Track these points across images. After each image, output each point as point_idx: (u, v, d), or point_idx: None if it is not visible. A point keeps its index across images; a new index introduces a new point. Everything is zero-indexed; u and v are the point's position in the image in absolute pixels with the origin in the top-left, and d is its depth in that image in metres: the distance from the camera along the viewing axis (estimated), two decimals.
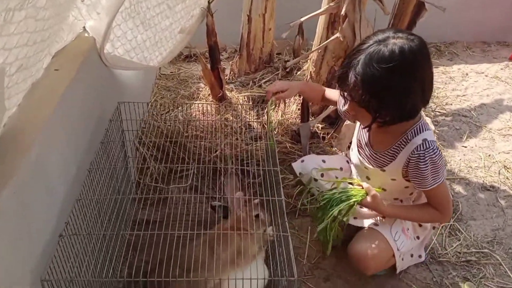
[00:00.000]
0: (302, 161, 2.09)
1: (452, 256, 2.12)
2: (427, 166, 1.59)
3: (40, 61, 1.57)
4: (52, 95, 1.51)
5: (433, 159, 1.58)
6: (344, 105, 1.77)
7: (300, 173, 2.05)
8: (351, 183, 1.85)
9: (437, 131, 3.03)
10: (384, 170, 1.75)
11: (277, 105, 1.92)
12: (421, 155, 1.58)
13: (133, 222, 2.19)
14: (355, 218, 1.87)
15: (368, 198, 1.74)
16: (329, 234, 1.75)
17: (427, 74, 1.51)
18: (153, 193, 2.34)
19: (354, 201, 1.72)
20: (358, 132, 1.87)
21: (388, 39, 1.47)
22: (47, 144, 1.37)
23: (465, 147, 2.92)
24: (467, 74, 3.80)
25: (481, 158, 2.80)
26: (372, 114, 1.54)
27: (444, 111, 3.27)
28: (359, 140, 1.85)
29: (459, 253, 2.14)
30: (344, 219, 1.73)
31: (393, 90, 1.47)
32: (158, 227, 2.16)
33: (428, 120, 1.73)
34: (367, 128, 1.68)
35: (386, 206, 1.75)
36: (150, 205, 2.31)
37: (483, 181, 2.61)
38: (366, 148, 1.81)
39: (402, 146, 1.65)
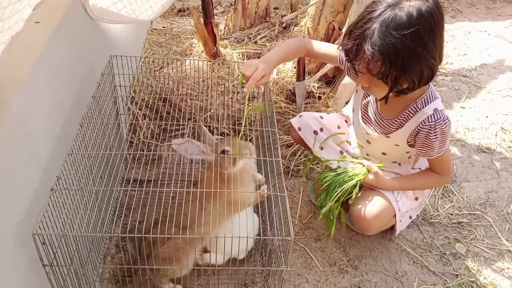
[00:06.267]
0: (300, 116, 2.03)
1: (444, 218, 2.12)
2: (436, 138, 1.56)
3: (19, 12, 1.47)
4: (33, 48, 1.44)
5: (443, 130, 1.55)
6: (354, 78, 1.64)
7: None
8: (353, 158, 1.83)
9: (436, 91, 2.96)
10: (389, 137, 1.71)
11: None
12: (432, 126, 1.54)
13: (126, 181, 2.17)
14: None
15: (370, 176, 1.73)
16: (332, 215, 1.74)
17: (443, 33, 1.42)
18: (146, 151, 2.30)
19: (357, 181, 1.70)
20: (362, 98, 1.79)
21: (402, 2, 1.35)
22: (28, 99, 1.32)
23: (463, 108, 2.86)
24: (469, 32, 3.68)
25: (479, 120, 2.76)
26: (390, 85, 1.43)
27: (444, 71, 3.18)
28: (365, 106, 1.78)
29: (451, 214, 2.15)
30: (349, 200, 1.72)
31: (415, 57, 1.36)
32: (151, 186, 2.15)
33: None
34: (384, 100, 1.55)
35: (389, 181, 1.74)
36: (143, 164, 2.29)
37: (479, 143, 2.58)
38: (373, 115, 1.75)
39: (411, 114, 1.60)
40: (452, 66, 3.24)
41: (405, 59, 1.36)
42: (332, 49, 1.79)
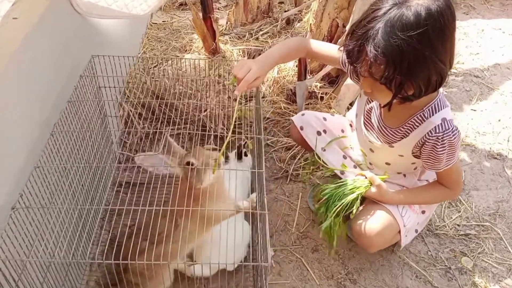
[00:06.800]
0: (303, 114, 1.91)
1: (450, 229, 2.00)
2: (444, 150, 1.43)
3: None
4: (7, 46, 1.34)
5: (452, 141, 1.42)
6: (357, 82, 1.50)
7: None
8: (356, 166, 1.72)
9: (446, 93, 2.82)
10: (392, 147, 1.59)
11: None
12: (439, 137, 1.42)
13: (116, 184, 2.08)
14: None
15: (373, 189, 1.62)
16: (333, 231, 1.64)
17: (454, 35, 1.29)
18: (134, 153, 2.20)
19: (358, 194, 1.60)
20: (365, 103, 1.67)
21: (410, 0, 1.23)
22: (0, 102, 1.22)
23: (474, 110, 2.72)
24: (482, 30, 3.51)
25: (490, 123, 2.61)
26: (394, 91, 1.30)
27: (455, 71, 3.03)
28: (368, 112, 1.66)
29: (458, 225, 2.02)
30: (350, 214, 1.61)
31: (422, 61, 1.24)
32: (140, 190, 2.05)
33: None
34: (387, 107, 1.42)
35: (392, 194, 1.63)
36: (134, 167, 2.19)
37: (490, 148, 2.44)
38: (376, 122, 1.62)
39: (417, 124, 1.48)
40: (463, 66, 3.09)
41: (411, 63, 1.23)
42: (335, 50, 1.67)
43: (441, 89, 1.46)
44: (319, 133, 1.85)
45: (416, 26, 1.20)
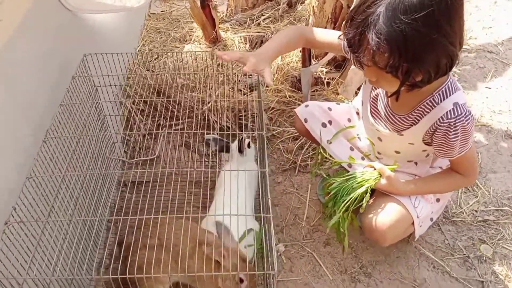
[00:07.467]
0: (306, 106, 1.82)
1: (468, 215, 1.92)
2: (457, 136, 1.35)
3: None
4: None
5: (465, 127, 1.33)
6: (362, 70, 1.39)
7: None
8: (364, 158, 1.64)
9: (458, 71, 2.70)
10: (402, 135, 1.51)
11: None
12: (451, 123, 1.33)
13: (119, 183, 2.04)
14: None
15: (383, 180, 1.54)
16: (343, 227, 1.57)
17: (463, 11, 1.19)
18: (138, 152, 2.15)
19: (367, 187, 1.53)
20: (371, 90, 1.58)
21: None
22: None
23: (489, 88, 2.60)
24: (495, 2, 3.35)
25: (507, 101, 2.50)
26: (400, 78, 1.22)
27: (468, 47, 2.90)
28: (374, 99, 1.57)
29: (476, 211, 1.94)
30: (360, 208, 1.54)
31: (430, 45, 1.15)
32: (146, 189, 2.00)
33: None
34: (394, 96, 1.36)
35: (404, 185, 1.55)
36: (138, 165, 2.14)
37: (507, 128, 2.34)
38: (383, 109, 1.54)
39: (427, 110, 1.39)
40: (475, 41, 2.95)
41: (418, 49, 1.14)
42: (336, 38, 1.57)
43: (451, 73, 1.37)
44: (324, 124, 1.77)
45: (420, 8, 1.10)
